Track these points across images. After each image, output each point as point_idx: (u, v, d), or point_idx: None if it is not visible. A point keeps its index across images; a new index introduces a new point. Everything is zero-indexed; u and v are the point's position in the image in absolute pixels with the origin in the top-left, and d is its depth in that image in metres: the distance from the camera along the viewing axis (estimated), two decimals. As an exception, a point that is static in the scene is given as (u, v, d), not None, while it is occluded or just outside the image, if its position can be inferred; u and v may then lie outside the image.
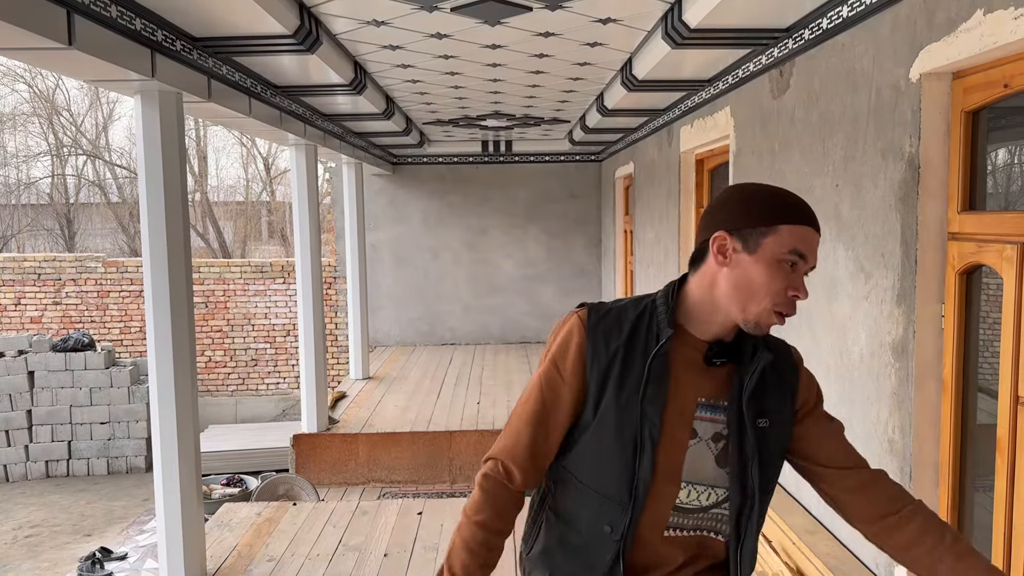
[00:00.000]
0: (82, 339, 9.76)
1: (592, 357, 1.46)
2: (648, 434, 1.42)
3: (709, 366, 1.46)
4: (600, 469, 1.47)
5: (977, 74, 2.48)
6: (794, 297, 1.38)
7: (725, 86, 4.58)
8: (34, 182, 22.10)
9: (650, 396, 1.42)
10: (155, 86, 3.57)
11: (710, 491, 1.47)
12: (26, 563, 7.16)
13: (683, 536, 1.50)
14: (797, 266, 1.38)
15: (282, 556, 4.46)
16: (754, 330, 1.41)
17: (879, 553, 2.95)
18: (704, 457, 1.46)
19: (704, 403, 1.46)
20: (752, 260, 1.39)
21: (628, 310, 1.49)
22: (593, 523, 1.48)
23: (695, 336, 1.47)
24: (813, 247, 1.40)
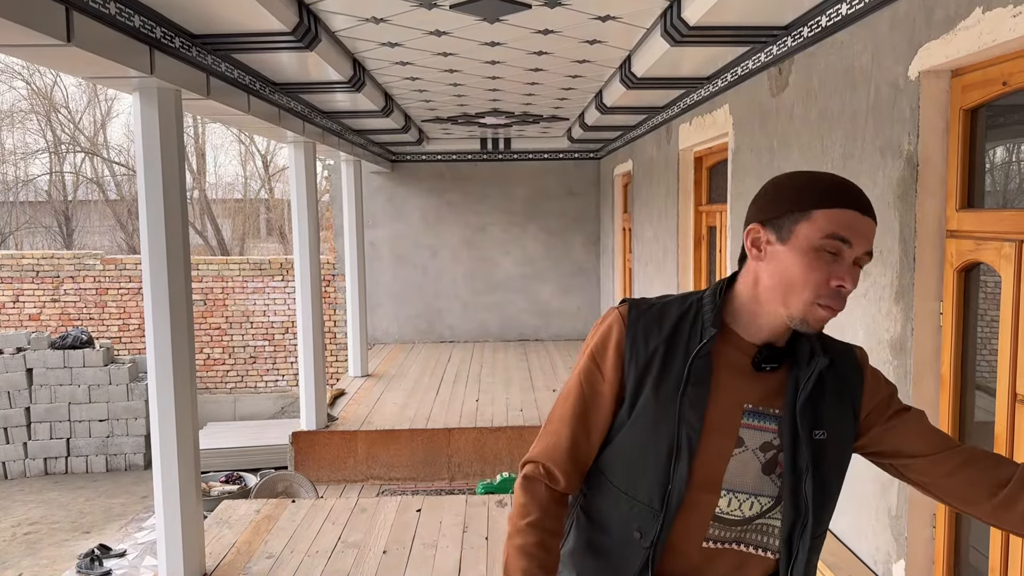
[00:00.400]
0: (80, 336, 9.76)
1: (631, 354, 1.38)
2: (686, 439, 1.34)
3: (758, 371, 1.36)
4: (633, 472, 1.39)
5: (976, 72, 2.49)
6: (839, 288, 1.26)
7: (724, 84, 4.58)
8: (32, 179, 22.09)
9: (691, 398, 1.34)
10: (154, 83, 3.57)
11: (753, 500, 1.36)
12: (25, 560, 7.16)
13: (724, 549, 1.39)
14: (841, 254, 1.27)
15: (281, 553, 4.46)
16: (801, 327, 1.31)
17: (877, 550, 2.96)
18: (749, 465, 1.36)
19: (751, 410, 1.36)
20: (787, 250, 1.29)
21: (672, 307, 1.41)
22: (623, 528, 1.40)
23: (743, 338, 1.37)
24: (860, 231, 1.27)
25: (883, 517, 2.92)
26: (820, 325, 1.31)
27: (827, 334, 1.43)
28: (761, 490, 1.36)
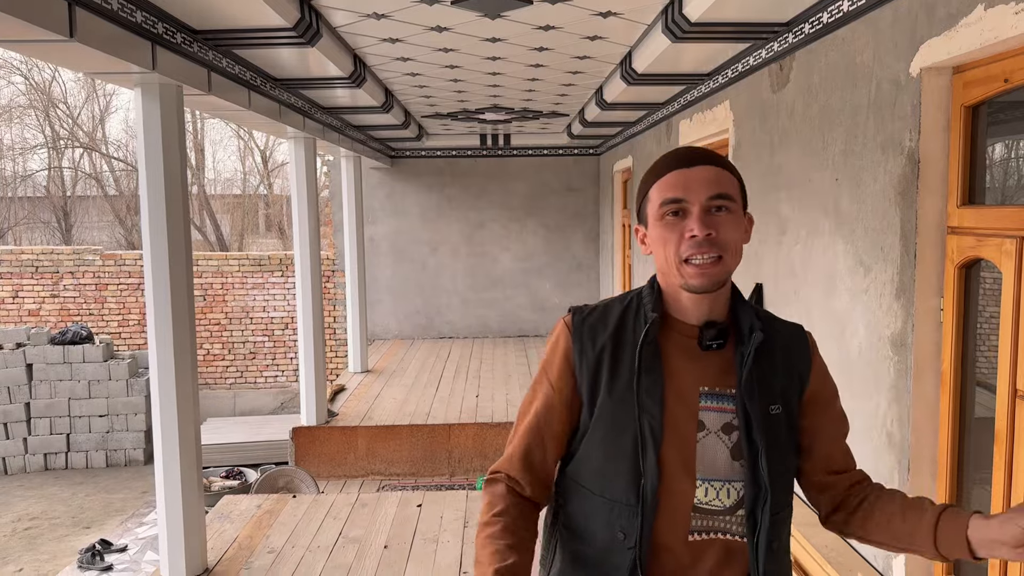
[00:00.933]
0: (80, 332, 9.76)
1: (580, 358, 1.41)
2: (648, 428, 1.35)
3: (705, 351, 1.39)
4: (605, 472, 1.40)
5: (977, 69, 2.49)
6: (692, 238, 1.32)
7: (725, 80, 4.58)
8: (31, 175, 22.06)
9: (646, 387, 1.36)
10: (155, 79, 3.57)
11: (728, 487, 1.37)
12: (25, 555, 7.17)
13: (711, 540, 1.38)
14: (684, 212, 1.34)
15: (282, 548, 4.48)
16: (691, 289, 1.35)
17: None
18: (717, 450, 1.37)
19: (707, 392, 1.38)
20: (650, 232, 1.39)
21: (614, 306, 1.45)
22: (605, 532, 1.39)
23: (684, 322, 1.41)
24: (689, 183, 1.34)
25: (883, 512, 2.93)
26: (701, 279, 1.33)
27: (775, 314, 1.50)
28: (733, 476, 1.37)
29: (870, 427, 3.02)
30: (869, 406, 3.02)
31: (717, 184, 1.34)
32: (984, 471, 2.54)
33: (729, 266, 1.35)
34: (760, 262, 4.25)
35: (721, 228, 1.33)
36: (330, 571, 4.19)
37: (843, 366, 3.26)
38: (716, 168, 1.36)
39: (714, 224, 1.33)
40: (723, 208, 1.34)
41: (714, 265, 1.32)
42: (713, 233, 1.32)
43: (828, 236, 3.37)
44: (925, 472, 2.74)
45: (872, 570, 2.99)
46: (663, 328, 1.40)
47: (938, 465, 2.73)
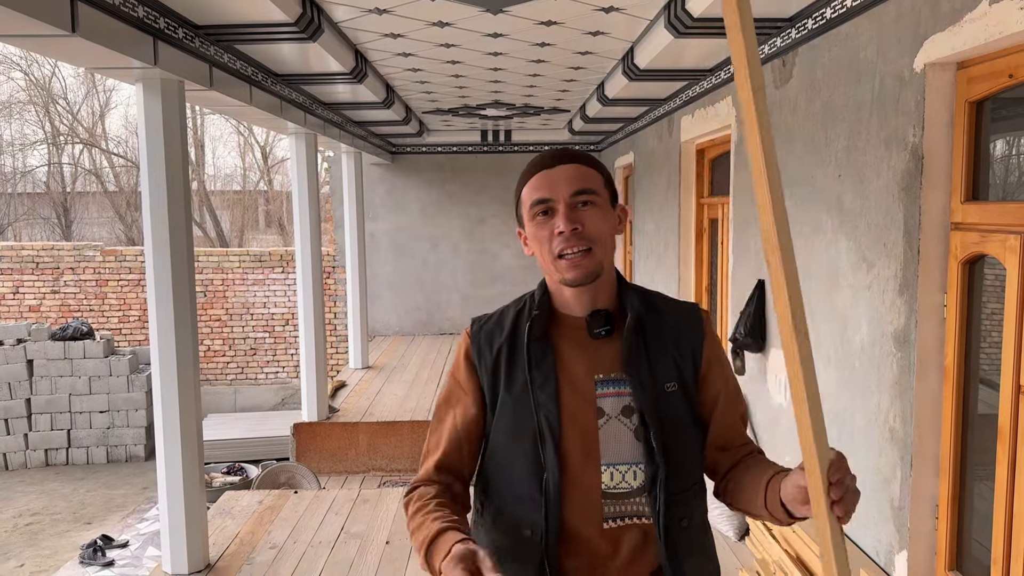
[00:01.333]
0: (81, 328, 9.75)
1: (479, 362, 1.47)
2: (546, 422, 1.39)
3: (595, 339, 1.43)
4: (510, 470, 1.43)
5: (982, 64, 2.49)
6: (560, 234, 1.38)
7: (727, 76, 4.57)
8: (30, 170, 22.03)
9: (539, 382, 1.40)
10: (157, 74, 3.56)
11: (634, 469, 1.39)
12: (27, 551, 7.18)
13: (626, 526, 1.40)
14: (552, 211, 1.41)
15: (284, 544, 4.48)
16: (568, 283, 1.41)
17: (879, 541, 2.98)
18: (620, 434, 1.40)
19: (603, 379, 1.42)
20: (527, 233, 1.46)
21: (509, 310, 1.51)
22: (514, 528, 1.42)
23: (573, 315, 1.46)
24: (550, 183, 1.41)
25: (885, 509, 2.93)
26: (576, 272, 1.39)
27: (668, 296, 1.55)
28: (638, 458, 1.39)
29: (872, 423, 3.02)
30: (871, 402, 3.02)
31: (579, 180, 1.41)
32: (987, 467, 2.54)
33: (599, 257, 1.40)
34: (762, 258, 4.24)
35: (587, 221, 1.39)
36: (332, 567, 4.19)
37: (845, 362, 3.25)
38: (577, 165, 1.42)
39: (579, 219, 1.39)
40: (588, 203, 1.40)
41: (584, 257, 1.38)
42: (579, 227, 1.38)
43: (831, 232, 3.37)
44: (928, 469, 2.74)
45: (874, 566, 2.99)
46: (554, 324, 1.46)
47: (941, 462, 2.72)
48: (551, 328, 1.45)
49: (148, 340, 3.93)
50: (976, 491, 2.67)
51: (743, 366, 4.55)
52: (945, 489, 2.71)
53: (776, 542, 3.63)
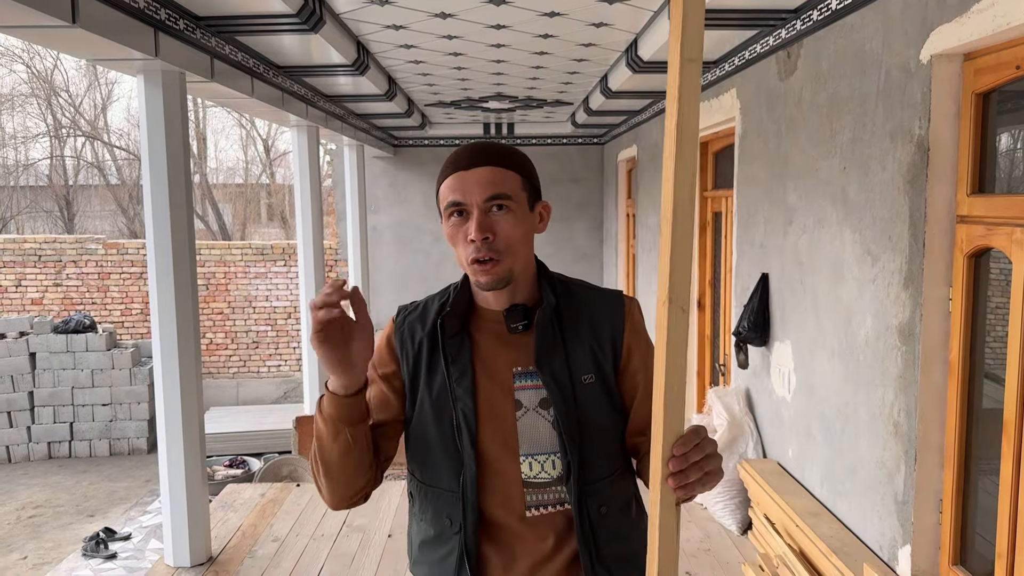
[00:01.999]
0: (83, 321, 9.75)
1: (401, 351, 1.47)
2: (463, 415, 1.40)
3: (513, 333, 1.43)
4: (429, 462, 1.44)
5: (989, 55, 2.47)
6: (471, 241, 1.35)
7: (731, 68, 4.55)
8: (33, 163, 22.04)
9: (456, 376, 1.41)
10: (158, 65, 3.55)
11: (552, 458, 1.41)
12: (30, 543, 7.20)
13: (548, 514, 1.42)
14: (466, 213, 1.37)
15: (286, 537, 4.48)
16: (482, 287, 1.40)
17: (882, 535, 2.97)
18: (538, 425, 1.41)
19: (521, 372, 1.43)
20: (444, 228, 1.43)
21: (433, 301, 1.50)
22: (436, 520, 1.44)
23: (491, 309, 1.45)
24: (464, 187, 1.36)
25: (889, 503, 2.92)
26: (489, 280, 1.37)
27: (589, 284, 1.53)
28: (555, 448, 1.41)
29: (877, 417, 3.00)
30: (876, 396, 3.01)
31: (493, 185, 1.36)
32: (992, 462, 2.53)
33: (509, 264, 1.38)
34: (766, 252, 4.23)
35: (499, 229, 1.36)
36: (334, 560, 4.19)
37: (849, 355, 3.24)
38: (493, 168, 1.37)
39: (491, 226, 1.35)
40: (502, 206, 1.36)
41: (494, 266, 1.36)
42: (490, 236, 1.35)
43: (836, 225, 3.35)
44: (932, 463, 2.73)
45: (877, 559, 2.98)
46: (474, 318, 1.46)
47: (945, 456, 2.71)
48: (471, 322, 1.46)
49: (150, 333, 3.91)
50: (980, 486, 2.65)
51: (746, 360, 4.54)
52: (949, 483, 2.70)
53: (779, 536, 3.62)
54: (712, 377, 5.78)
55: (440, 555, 1.44)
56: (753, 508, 4.10)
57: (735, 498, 4.35)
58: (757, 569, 3.64)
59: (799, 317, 3.80)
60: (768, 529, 3.77)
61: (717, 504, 4.44)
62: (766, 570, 3.55)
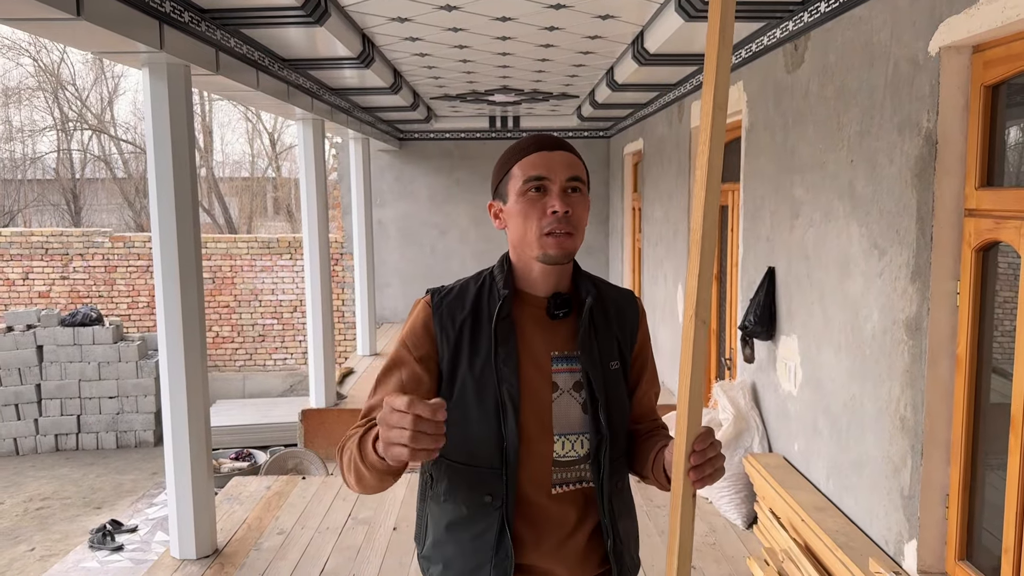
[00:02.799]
0: (90, 314, 9.79)
1: (441, 335, 1.52)
2: (508, 395, 1.47)
3: (554, 319, 1.53)
4: (469, 442, 1.49)
5: (998, 47, 2.44)
6: (553, 213, 1.46)
7: (738, 60, 4.53)
8: (39, 157, 22.08)
9: (503, 357, 1.48)
10: (163, 58, 3.54)
11: (581, 439, 1.51)
12: (37, 535, 7.23)
13: (572, 491, 1.52)
14: (545, 189, 1.47)
15: (292, 529, 4.49)
16: (548, 260, 1.48)
17: (889, 530, 2.96)
18: (571, 407, 1.51)
19: (558, 356, 1.53)
20: (510, 207, 1.51)
21: (469, 286, 1.57)
22: (474, 498, 1.49)
23: (534, 295, 1.54)
24: (550, 164, 1.48)
25: (895, 497, 2.91)
26: (560, 251, 1.48)
27: (607, 280, 1.67)
28: (584, 429, 1.52)
29: (883, 411, 2.99)
30: (882, 390, 3.00)
31: (572, 168, 1.50)
32: (999, 457, 2.52)
33: (578, 242, 1.51)
34: (773, 245, 4.21)
35: (575, 207, 1.48)
36: (339, 552, 4.20)
37: (856, 350, 3.23)
38: (572, 155, 1.52)
39: (570, 203, 1.48)
40: (577, 189, 1.50)
41: (568, 238, 1.48)
42: (570, 211, 1.47)
43: (843, 219, 3.33)
44: (939, 457, 2.72)
45: (883, 554, 2.97)
46: (516, 302, 1.54)
47: (952, 450, 2.70)
48: (515, 306, 1.54)
49: (157, 326, 3.92)
50: (987, 480, 2.64)
51: (752, 354, 4.52)
52: (956, 478, 2.69)
53: (784, 530, 3.62)
54: (718, 371, 5.77)
55: (474, 532, 1.50)
56: (758, 502, 4.10)
57: (740, 492, 4.34)
58: (762, 563, 3.63)
59: (805, 311, 3.78)
60: (773, 523, 3.76)
61: (722, 498, 4.43)
62: (771, 564, 3.54)
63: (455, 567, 1.53)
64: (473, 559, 1.50)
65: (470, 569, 1.51)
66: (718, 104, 1.23)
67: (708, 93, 1.23)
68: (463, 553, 1.52)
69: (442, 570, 1.55)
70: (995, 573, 2.52)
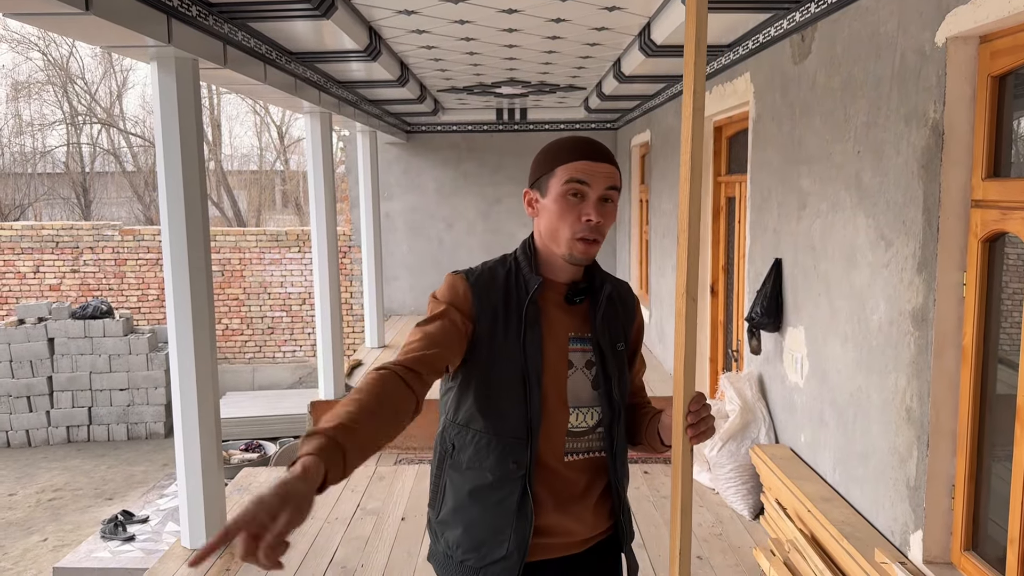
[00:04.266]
0: (100, 307, 9.86)
1: (481, 308, 1.63)
2: (533, 372, 1.61)
3: (571, 304, 1.69)
4: (496, 413, 1.63)
5: (1005, 38, 2.44)
6: (587, 222, 1.59)
7: (745, 51, 4.51)
8: (50, 151, 22.19)
9: (530, 338, 1.63)
10: (171, 52, 3.56)
11: (591, 411, 1.68)
12: (50, 525, 7.31)
13: (582, 460, 1.68)
14: (584, 195, 1.60)
15: (301, 520, 4.52)
16: (572, 260, 1.64)
17: (894, 520, 2.97)
18: (582, 383, 1.68)
19: (574, 336, 1.69)
20: (547, 202, 1.63)
21: (497, 269, 1.70)
22: (499, 465, 1.62)
23: (555, 281, 1.69)
24: (593, 173, 1.60)
25: (901, 488, 2.92)
26: (585, 256, 1.63)
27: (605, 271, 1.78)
28: (593, 403, 1.68)
29: (889, 402, 3.00)
30: (888, 382, 3.00)
31: (612, 180, 1.62)
32: (1005, 448, 2.52)
33: (600, 246, 1.65)
34: (779, 237, 4.21)
35: (606, 217, 1.62)
36: (348, 543, 4.23)
37: (862, 341, 3.23)
38: (613, 168, 1.64)
39: (603, 213, 1.61)
40: (610, 200, 1.63)
41: (595, 245, 1.63)
42: (602, 221, 1.61)
43: (849, 210, 3.33)
44: (944, 448, 2.72)
45: (889, 545, 2.98)
46: (541, 287, 1.67)
47: (958, 441, 2.70)
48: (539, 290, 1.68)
49: (167, 319, 3.95)
50: (993, 471, 2.65)
51: (759, 345, 4.53)
52: (962, 469, 2.69)
53: (790, 521, 3.63)
54: (725, 363, 5.77)
55: (498, 498, 1.63)
56: (765, 493, 4.11)
57: (747, 483, 4.36)
58: (768, 554, 3.65)
59: (812, 303, 3.78)
60: (780, 514, 3.77)
61: (729, 489, 4.45)
62: (777, 555, 3.56)
63: (476, 530, 1.66)
64: (496, 521, 1.63)
65: (493, 531, 1.64)
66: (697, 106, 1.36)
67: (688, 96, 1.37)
68: (486, 516, 1.64)
69: (461, 533, 1.67)
70: (1000, 563, 2.52)
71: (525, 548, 1.62)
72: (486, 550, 1.64)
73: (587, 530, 1.70)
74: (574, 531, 1.69)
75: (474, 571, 1.66)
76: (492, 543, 1.63)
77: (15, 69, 20.92)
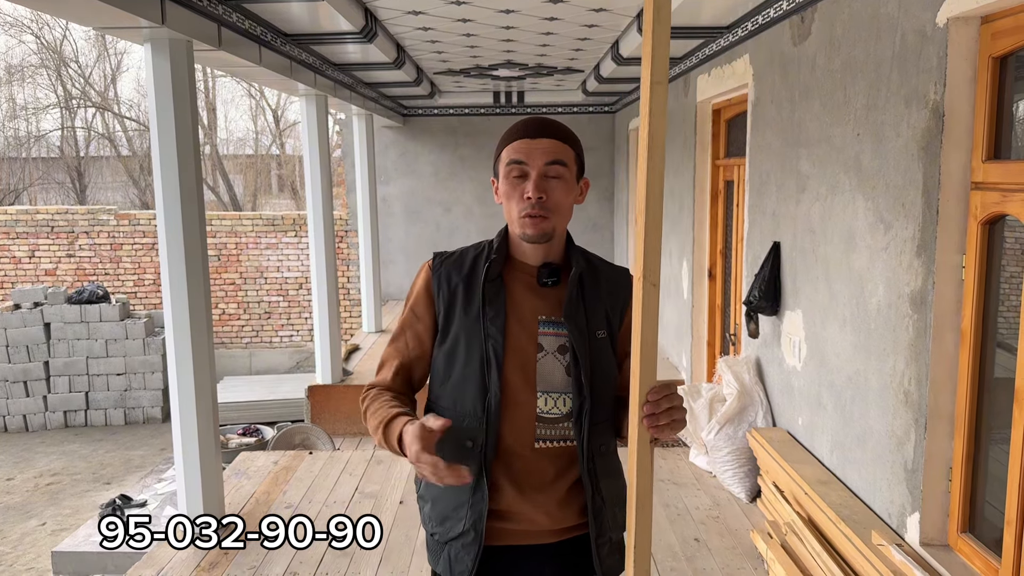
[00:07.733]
0: (96, 291, 9.83)
1: (438, 292, 1.68)
2: (492, 351, 1.61)
3: (543, 287, 1.67)
4: (456, 390, 1.65)
5: (1006, 18, 2.41)
6: (527, 199, 1.59)
7: (744, 33, 4.48)
8: (44, 135, 22.06)
9: (490, 316, 1.63)
10: (165, 34, 3.52)
11: (564, 397, 1.64)
12: (48, 510, 7.32)
13: (553, 448, 1.65)
14: (525, 174, 1.60)
15: (299, 503, 4.54)
16: (526, 239, 1.63)
17: (892, 503, 2.97)
18: (554, 368, 1.64)
19: (545, 320, 1.66)
20: (500, 186, 1.66)
21: (468, 251, 1.73)
22: (456, 443, 1.62)
23: (526, 263, 1.68)
24: (529, 151, 1.60)
25: (899, 471, 2.92)
26: (537, 232, 1.61)
27: (606, 259, 1.80)
28: (567, 389, 1.64)
29: (887, 385, 3.00)
30: (887, 365, 3.00)
31: (553, 153, 1.61)
32: (1002, 431, 2.52)
33: (554, 223, 1.63)
34: (778, 220, 4.20)
35: (552, 192, 1.60)
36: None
37: (861, 324, 3.22)
38: (556, 140, 1.62)
39: (546, 188, 1.59)
40: (556, 176, 1.61)
41: (543, 221, 1.60)
42: (544, 196, 1.59)
43: (848, 193, 3.32)
44: (942, 431, 2.73)
45: (886, 527, 2.99)
46: (509, 268, 1.68)
47: (955, 424, 2.70)
48: (507, 271, 1.68)
49: (163, 303, 3.93)
50: (990, 454, 2.65)
51: (757, 329, 4.53)
52: (959, 452, 2.69)
53: (788, 504, 3.64)
54: (723, 346, 5.78)
55: None
56: (762, 476, 4.12)
57: (744, 466, 4.37)
58: (766, 536, 3.66)
59: (810, 286, 3.78)
60: (777, 497, 3.78)
61: (726, 472, 4.46)
62: (775, 537, 3.57)
63: (439, 505, 1.69)
64: (454, 499, 1.65)
65: (452, 508, 1.66)
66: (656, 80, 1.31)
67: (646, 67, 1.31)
68: (447, 492, 1.66)
69: (430, 508, 1.72)
70: (997, 546, 2.53)
71: (482, 528, 1.63)
72: (449, 525, 1.67)
73: (553, 522, 1.67)
74: (537, 521, 1.66)
75: (440, 545, 1.70)
76: (453, 519, 1.66)
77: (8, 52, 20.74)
